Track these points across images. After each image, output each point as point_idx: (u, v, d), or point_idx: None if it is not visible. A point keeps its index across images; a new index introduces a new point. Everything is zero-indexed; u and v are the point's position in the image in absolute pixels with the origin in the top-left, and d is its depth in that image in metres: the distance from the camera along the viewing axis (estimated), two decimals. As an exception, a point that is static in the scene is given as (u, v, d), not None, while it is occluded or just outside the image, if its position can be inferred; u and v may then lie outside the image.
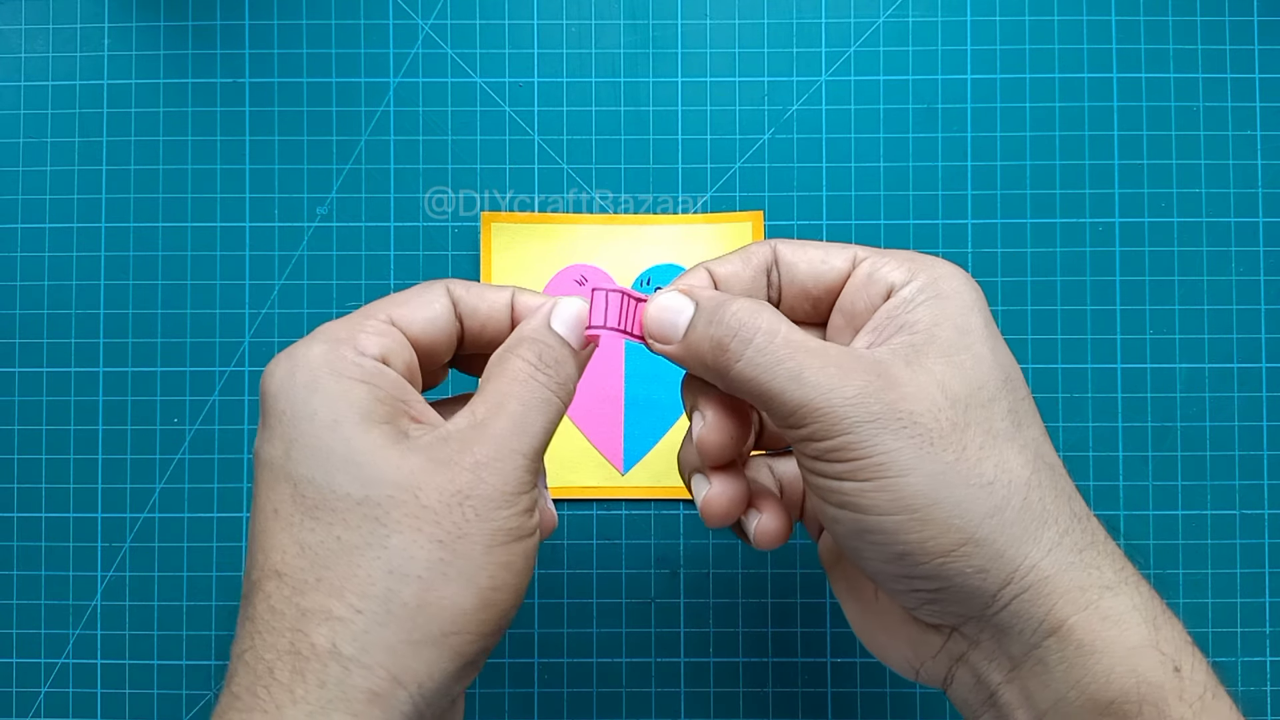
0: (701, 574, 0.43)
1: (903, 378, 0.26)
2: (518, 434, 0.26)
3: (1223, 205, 0.43)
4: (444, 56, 0.44)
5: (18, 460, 0.43)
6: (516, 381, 0.27)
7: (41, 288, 0.43)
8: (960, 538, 0.25)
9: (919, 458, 0.25)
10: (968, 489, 0.25)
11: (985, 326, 0.27)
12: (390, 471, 0.25)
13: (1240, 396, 0.43)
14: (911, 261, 0.28)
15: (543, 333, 0.28)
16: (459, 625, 0.24)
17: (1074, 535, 0.25)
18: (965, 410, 0.25)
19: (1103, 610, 0.25)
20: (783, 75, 0.44)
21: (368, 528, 0.24)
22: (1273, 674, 0.42)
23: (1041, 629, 0.25)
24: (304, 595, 0.24)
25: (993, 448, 0.25)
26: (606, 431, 0.43)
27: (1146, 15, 0.43)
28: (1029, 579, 0.25)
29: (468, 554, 0.25)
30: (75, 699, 0.42)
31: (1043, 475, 0.26)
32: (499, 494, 0.25)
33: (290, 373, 0.26)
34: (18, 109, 0.44)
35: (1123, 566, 0.26)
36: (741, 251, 0.30)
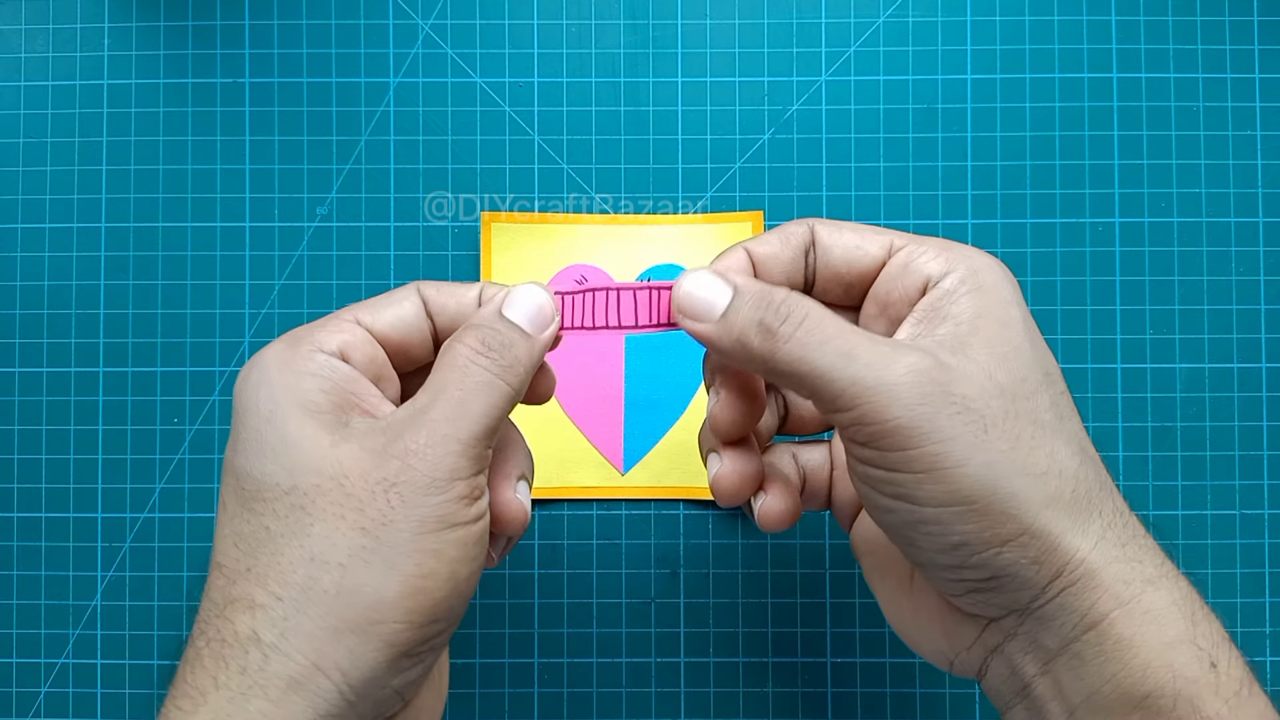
0: (701, 574, 0.43)
1: (951, 362, 0.25)
2: (453, 419, 0.26)
3: (1223, 205, 0.43)
4: (444, 56, 0.44)
5: (18, 460, 0.43)
6: (456, 368, 0.27)
7: (41, 288, 0.43)
8: (1017, 528, 0.25)
9: (974, 446, 0.24)
10: (1024, 479, 0.25)
11: (1024, 321, 0.27)
12: (318, 460, 0.25)
13: (1240, 396, 0.43)
14: (948, 251, 0.28)
15: (490, 319, 0.28)
16: (382, 614, 0.24)
17: (1118, 529, 0.26)
18: (1013, 400, 0.25)
19: (1144, 604, 0.25)
20: (783, 75, 0.44)
21: (294, 517, 0.24)
22: (1273, 674, 0.42)
23: (1083, 623, 0.25)
24: (234, 584, 0.25)
25: (1042, 438, 0.25)
26: (606, 431, 0.43)
27: (1146, 15, 0.44)
28: (1078, 572, 0.25)
29: (391, 541, 0.24)
30: (75, 699, 0.42)
31: (1087, 468, 0.26)
32: (427, 480, 0.25)
33: (247, 372, 0.27)
34: (18, 109, 0.44)
35: (1162, 561, 0.26)
36: (780, 231, 0.30)
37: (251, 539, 0.25)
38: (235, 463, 0.26)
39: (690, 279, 0.28)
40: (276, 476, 0.25)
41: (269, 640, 0.24)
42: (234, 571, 0.25)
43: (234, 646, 0.24)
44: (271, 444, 0.25)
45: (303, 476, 0.25)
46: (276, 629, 0.24)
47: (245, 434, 0.26)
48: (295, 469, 0.25)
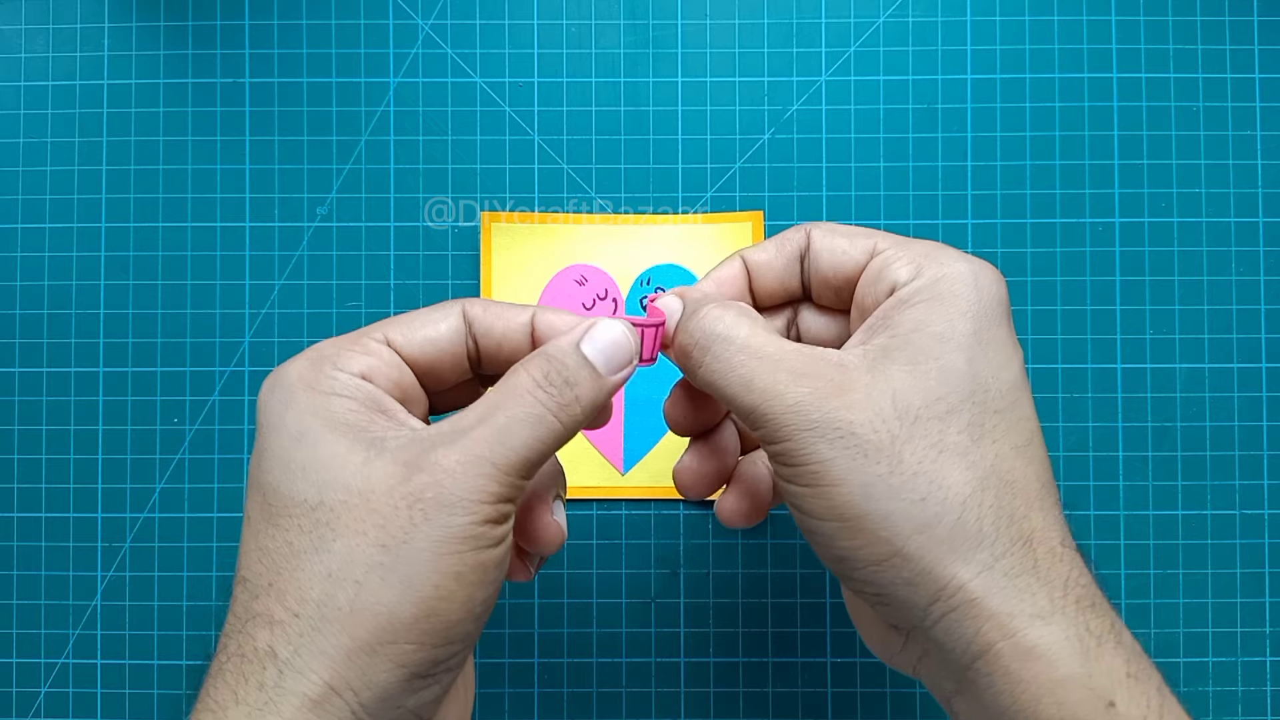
0: (701, 574, 0.43)
1: (856, 384, 0.26)
2: (493, 443, 0.25)
3: (1223, 205, 0.43)
4: (444, 56, 0.44)
5: (18, 460, 0.43)
6: (512, 394, 0.26)
7: (41, 288, 0.43)
8: (888, 550, 0.25)
9: (850, 469, 0.25)
10: (897, 503, 0.25)
11: (973, 333, 0.26)
12: (347, 476, 0.25)
13: (1240, 396, 0.43)
14: (924, 258, 0.28)
15: (563, 352, 0.27)
16: (395, 634, 0.24)
17: (1011, 559, 0.25)
18: (913, 423, 0.25)
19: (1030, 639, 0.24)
20: (783, 75, 0.44)
21: (318, 532, 0.24)
22: (1273, 674, 0.42)
23: (971, 650, 0.25)
24: (256, 599, 0.25)
25: (933, 463, 0.25)
26: (606, 431, 0.43)
27: (1146, 15, 0.44)
28: (956, 599, 0.25)
29: (411, 559, 0.24)
30: (75, 699, 0.42)
31: (988, 495, 0.25)
32: (454, 499, 0.24)
33: (271, 389, 0.27)
34: (18, 109, 0.44)
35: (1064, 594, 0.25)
36: (779, 237, 0.31)
37: (275, 554, 0.25)
38: (262, 479, 0.26)
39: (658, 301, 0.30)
40: (304, 493, 0.25)
41: (285, 657, 0.24)
42: (257, 586, 0.25)
43: (253, 662, 0.24)
44: (301, 462, 0.25)
45: (330, 493, 0.25)
46: (292, 645, 0.24)
47: (273, 451, 0.25)
48: (324, 485, 0.25)
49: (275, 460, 0.25)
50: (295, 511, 0.25)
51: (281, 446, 0.25)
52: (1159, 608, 0.42)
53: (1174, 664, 0.42)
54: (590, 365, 0.27)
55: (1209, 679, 0.42)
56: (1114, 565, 0.42)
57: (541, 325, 0.29)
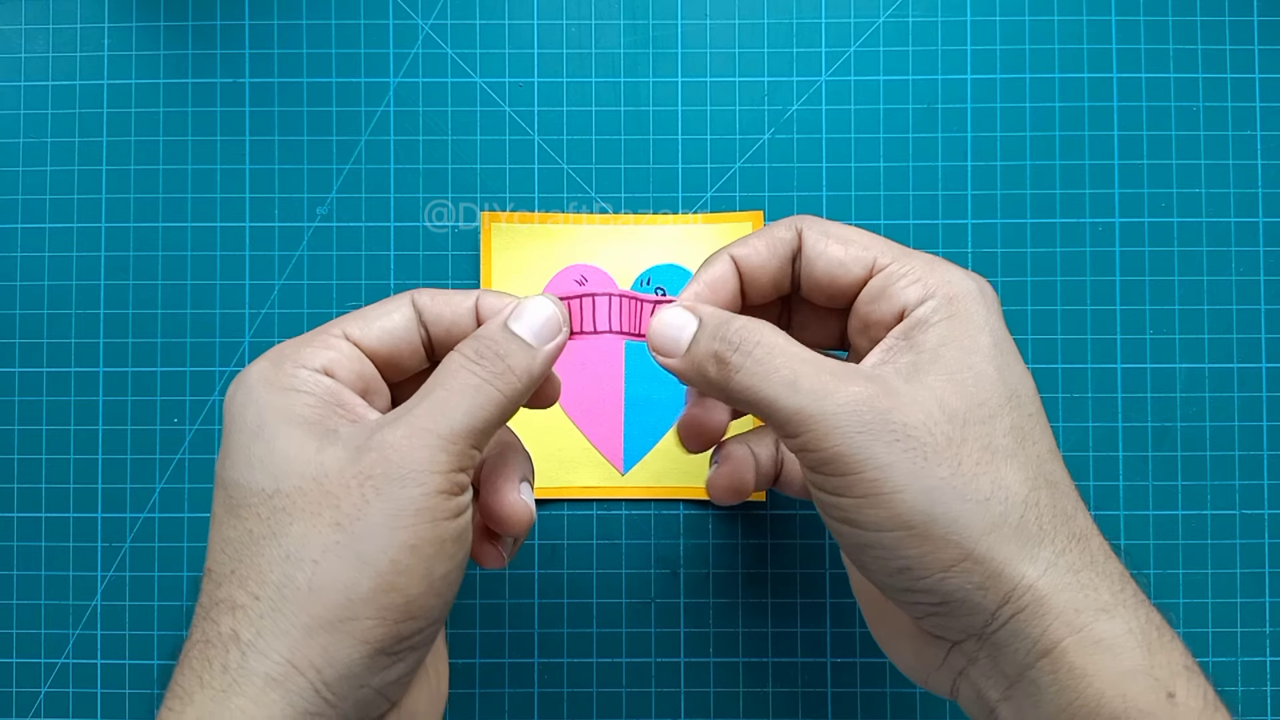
0: (701, 574, 0.43)
1: (900, 390, 0.26)
2: (435, 415, 0.26)
3: (1223, 205, 0.43)
4: (444, 56, 0.44)
5: (18, 460, 0.43)
6: (447, 372, 0.27)
7: (41, 288, 0.43)
8: (959, 553, 0.25)
9: (913, 473, 0.25)
10: (964, 504, 0.25)
11: (994, 345, 0.27)
12: (302, 465, 0.25)
13: (1240, 396, 0.43)
14: (929, 275, 0.28)
15: (491, 330, 0.28)
16: (354, 610, 0.24)
17: (1070, 555, 0.25)
18: (963, 426, 0.25)
19: (1096, 633, 0.24)
20: (783, 75, 0.44)
21: (275, 519, 0.25)
22: (1273, 674, 0.42)
23: (1036, 649, 0.25)
24: (219, 587, 0.25)
25: (990, 464, 0.25)
26: (606, 431, 0.43)
27: (1146, 15, 0.44)
28: (1026, 598, 0.25)
29: (365, 534, 0.25)
30: (75, 699, 0.42)
31: (1042, 493, 0.26)
32: (403, 473, 0.25)
33: (234, 390, 0.27)
34: (18, 109, 0.44)
35: (1121, 588, 0.26)
36: (766, 235, 0.30)
37: (236, 543, 0.25)
38: (223, 475, 0.27)
39: (658, 318, 0.29)
40: (262, 483, 0.26)
41: (247, 639, 0.24)
42: (220, 575, 0.26)
43: (217, 646, 0.24)
44: (259, 455, 0.26)
45: (286, 480, 0.25)
46: (254, 627, 0.24)
47: (233, 448, 0.26)
48: (280, 475, 0.25)
49: (235, 456, 0.26)
50: (253, 501, 0.25)
51: (241, 443, 0.26)
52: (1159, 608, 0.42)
53: (1174, 664, 0.42)
54: (519, 338, 0.28)
55: (1209, 679, 0.42)
56: (1114, 565, 0.42)
57: (483, 308, 0.30)
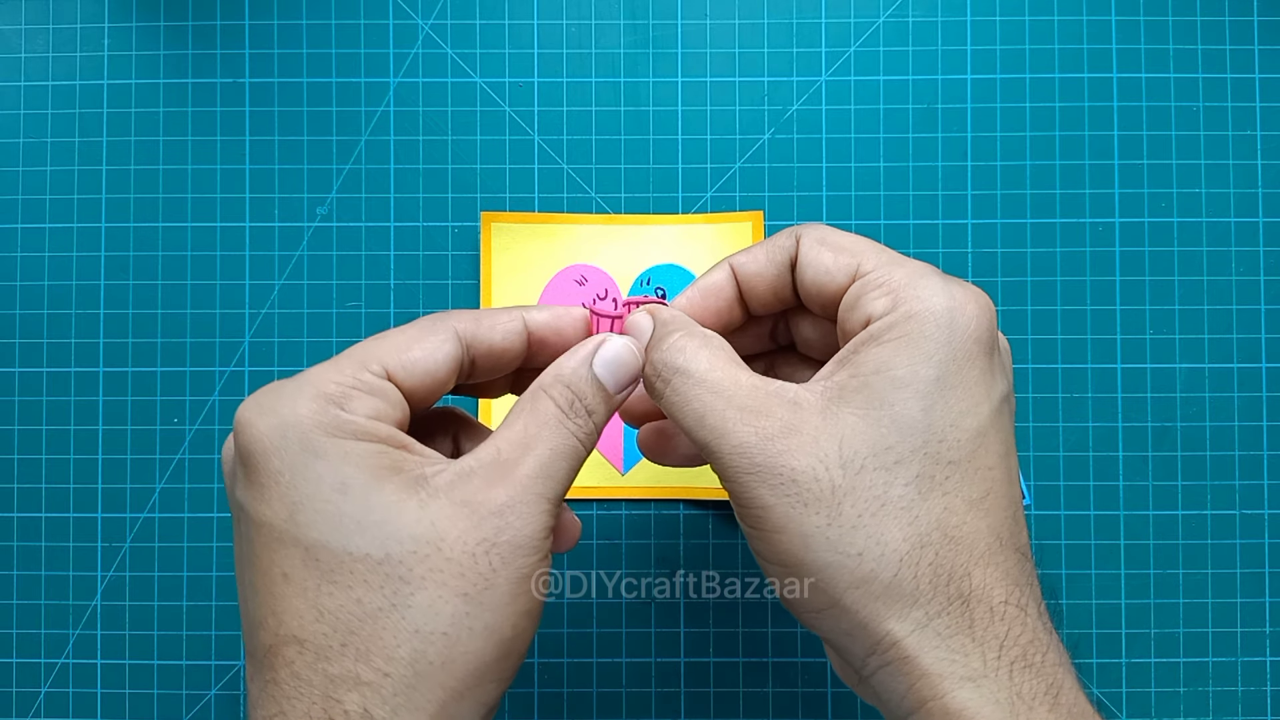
0: (702, 574, 0.43)
1: (804, 427, 0.25)
2: (543, 478, 0.26)
3: (1223, 205, 0.43)
4: (444, 56, 0.44)
5: (18, 460, 0.43)
6: (546, 426, 0.27)
7: (41, 288, 0.43)
8: (827, 600, 0.25)
9: (790, 517, 0.25)
10: (835, 555, 0.25)
11: (935, 380, 0.25)
12: (410, 525, 0.24)
13: (1240, 396, 0.43)
14: (905, 287, 0.27)
15: (580, 376, 0.28)
16: (483, 677, 0.25)
17: (946, 618, 0.24)
18: (857, 473, 0.25)
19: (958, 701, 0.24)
20: (783, 75, 0.44)
21: (391, 587, 0.24)
22: (1273, 674, 0.42)
23: (904, 704, 0.25)
24: (329, 661, 0.24)
25: (873, 517, 0.25)
26: (606, 431, 0.43)
27: (1146, 15, 0.43)
28: (891, 654, 0.25)
29: (493, 604, 0.25)
30: (75, 699, 0.42)
31: (928, 552, 0.25)
32: (525, 540, 0.25)
33: (280, 432, 0.25)
34: (18, 109, 0.44)
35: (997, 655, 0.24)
36: (767, 244, 0.30)
37: (341, 613, 0.24)
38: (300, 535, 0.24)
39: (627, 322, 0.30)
40: (365, 548, 0.24)
41: (380, 716, 0.24)
42: (324, 648, 0.24)
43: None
44: (353, 515, 0.24)
45: (395, 545, 0.24)
46: (388, 705, 0.24)
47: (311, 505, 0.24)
48: (387, 538, 0.24)
49: (319, 515, 0.24)
50: (358, 568, 0.24)
51: (323, 499, 0.24)
52: (1159, 608, 0.42)
53: (1174, 664, 0.42)
54: (604, 388, 0.28)
55: (1209, 679, 0.42)
56: (1114, 565, 0.42)
57: (537, 327, 0.29)
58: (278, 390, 0.26)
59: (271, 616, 0.25)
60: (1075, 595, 0.42)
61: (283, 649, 0.24)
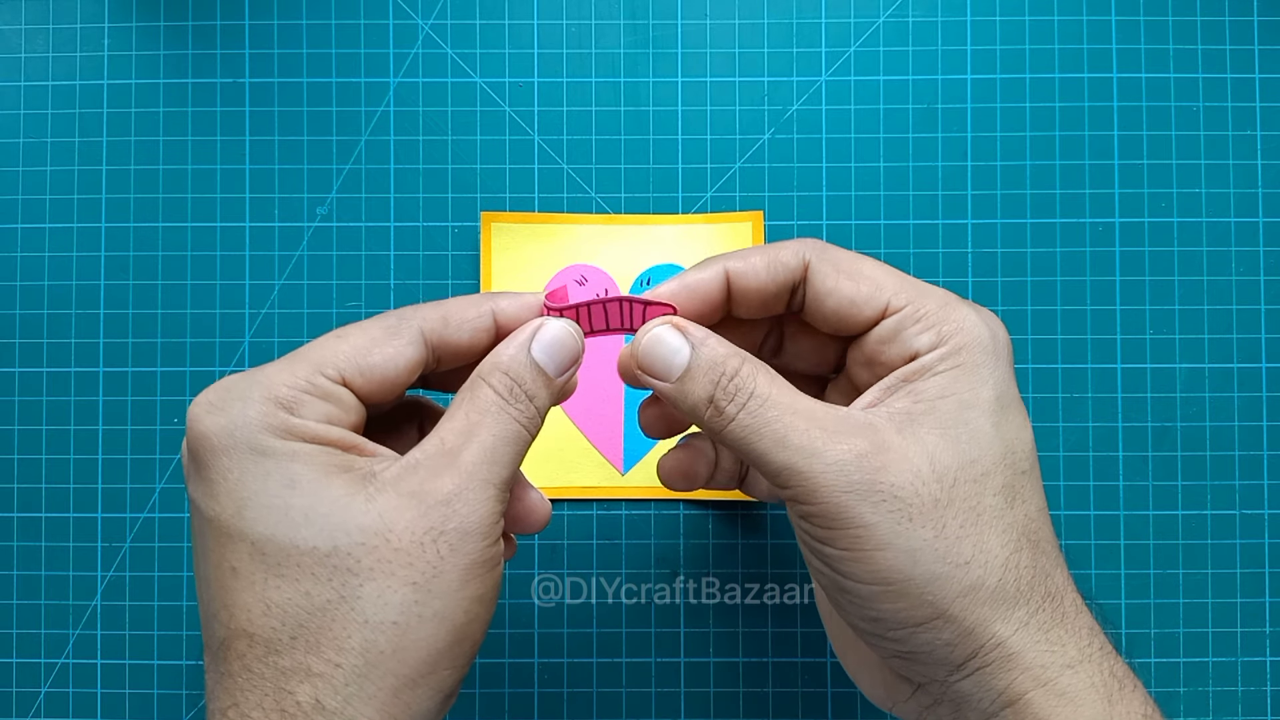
0: (701, 574, 0.43)
1: (892, 445, 0.26)
2: (488, 464, 0.26)
3: (1223, 205, 0.43)
4: (444, 56, 0.44)
5: (18, 460, 0.43)
6: (488, 413, 0.27)
7: (41, 288, 0.43)
8: (933, 612, 0.25)
9: (896, 533, 0.25)
10: (944, 566, 0.25)
11: (995, 400, 0.27)
12: (357, 518, 0.25)
13: (1240, 396, 0.43)
14: (944, 321, 0.27)
15: (518, 362, 0.28)
16: (436, 664, 0.25)
17: (1043, 614, 0.26)
18: (952, 486, 0.26)
19: (1060, 687, 0.25)
20: (783, 75, 0.44)
21: (339, 579, 0.24)
22: (1273, 674, 0.42)
23: (1000, 700, 0.26)
24: (279, 655, 0.24)
25: (974, 526, 0.26)
26: (606, 431, 0.43)
27: (1146, 15, 0.43)
28: (994, 655, 0.25)
29: (442, 592, 0.25)
30: (75, 699, 0.42)
31: (1023, 555, 0.26)
32: (472, 527, 0.25)
33: (228, 431, 0.25)
34: (18, 109, 0.44)
35: (1089, 643, 0.26)
36: (769, 260, 0.29)
37: (289, 606, 0.24)
38: (248, 529, 0.25)
39: (651, 336, 0.28)
40: (312, 540, 0.24)
41: (333, 707, 0.24)
42: (274, 641, 0.24)
43: (298, 716, 0.24)
44: (301, 509, 0.25)
45: (343, 537, 0.24)
46: (340, 695, 0.24)
47: (259, 500, 0.25)
48: (333, 530, 0.24)
49: (266, 509, 0.25)
50: (305, 561, 0.24)
51: (271, 494, 0.25)
52: (1159, 608, 0.42)
53: (1174, 664, 0.42)
54: (543, 372, 0.28)
55: (1209, 679, 0.42)
56: (1114, 565, 0.42)
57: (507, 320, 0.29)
58: (229, 388, 0.26)
59: (224, 610, 0.25)
60: (1075, 595, 0.42)
61: (234, 642, 0.25)
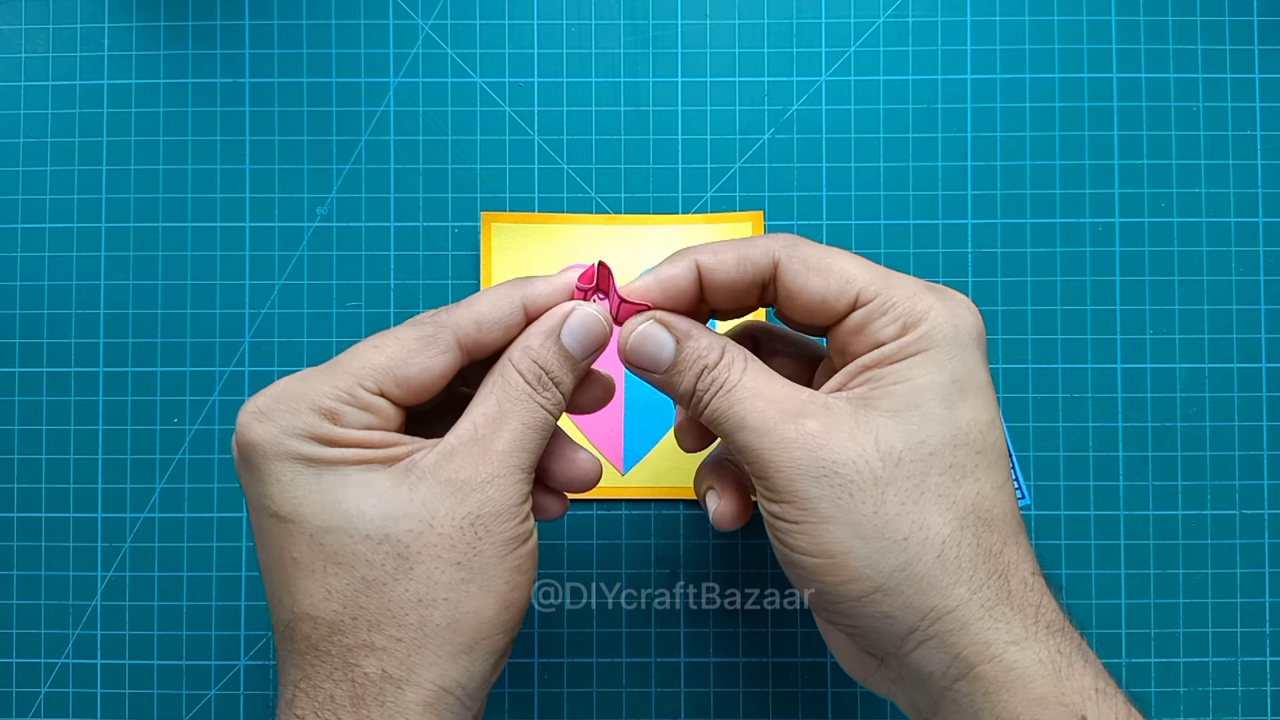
0: (701, 573, 0.43)
1: (842, 425, 0.27)
2: (517, 451, 0.28)
3: (1223, 205, 0.43)
4: (444, 56, 0.44)
5: (18, 460, 0.43)
6: (518, 401, 0.29)
7: (41, 288, 0.43)
8: (870, 586, 0.27)
9: (837, 508, 0.27)
10: (881, 542, 0.26)
11: (951, 383, 0.28)
12: (403, 507, 0.27)
13: (1240, 396, 0.43)
14: (909, 310, 0.28)
15: (547, 349, 0.29)
16: (487, 630, 0.28)
17: (986, 591, 0.27)
18: (895, 465, 0.27)
19: (1007, 662, 0.26)
20: (783, 75, 0.44)
21: (392, 564, 0.27)
22: (1273, 674, 0.42)
23: (950, 673, 0.26)
24: (343, 634, 0.27)
25: (915, 504, 0.27)
26: (606, 431, 0.43)
27: (1146, 15, 0.43)
28: (935, 628, 0.26)
29: (484, 568, 0.27)
30: (75, 699, 0.42)
31: (967, 533, 0.27)
32: (504, 509, 0.28)
33: (277, 440, 0.27)
34: (18, 109, 0.44)
35: (1035, 620, 0.27)
36: (739, 256, 0.30)
37: (348, 591, 0.27)
38: (306, 524, 0.27)
39: (638, 333, 0.30)
40: (365, 530, 0.27)
41: (399, 675, 0.27)
42: (336, 622, 0.27)
43: (368, 686, 0.26)
44: (355, 504, 0.27)
45: (393, 526, 0.27)
46: (403, 665, 0.27)
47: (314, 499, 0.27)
48: (384, 520, 0.27)
49: (321, 506, 0.27)
50: (360, 549, 0.27)
51: (324, 493, 0.27)
52: (1159, 608, 0.42)
53: (1174, 664, 0.42)
54: (570, 356, 0.30)
55: (1209, 679, 0.42)
56: (1114, 565, 0.42)
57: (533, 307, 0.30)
58: (277, 398, 0.28)
59: (286, 595, 0.27)
60: (1075, 595, 0.42)
61: (299, 624, 0.27)
